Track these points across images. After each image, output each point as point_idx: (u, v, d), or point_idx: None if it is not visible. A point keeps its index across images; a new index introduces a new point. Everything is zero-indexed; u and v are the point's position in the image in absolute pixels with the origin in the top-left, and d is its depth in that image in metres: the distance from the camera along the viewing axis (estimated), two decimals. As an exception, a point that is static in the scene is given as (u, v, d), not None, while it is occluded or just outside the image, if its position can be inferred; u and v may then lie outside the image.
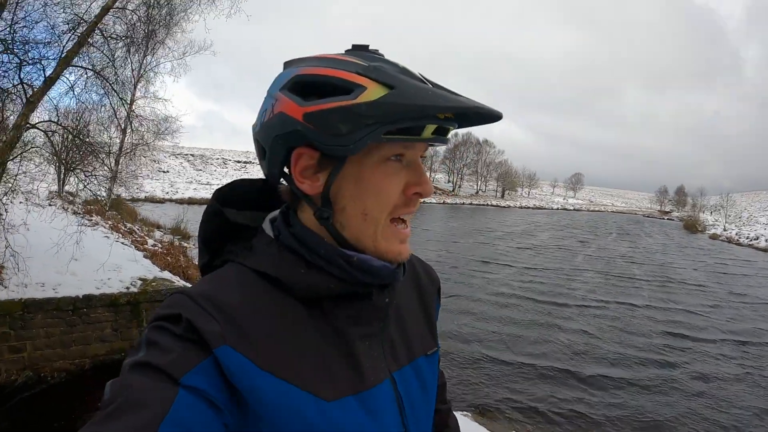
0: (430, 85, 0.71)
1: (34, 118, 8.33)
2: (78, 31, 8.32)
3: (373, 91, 0.67)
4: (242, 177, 0.87)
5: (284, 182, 0.79)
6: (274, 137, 0.73)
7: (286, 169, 0.77)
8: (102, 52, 8.98)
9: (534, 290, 16.08)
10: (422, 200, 0.81)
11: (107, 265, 8.64)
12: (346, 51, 0.75)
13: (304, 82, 0.71)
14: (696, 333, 12.53)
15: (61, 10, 8.45)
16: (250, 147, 0.87)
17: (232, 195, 0.84)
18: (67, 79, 8.89)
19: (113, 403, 0.59)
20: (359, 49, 0.75)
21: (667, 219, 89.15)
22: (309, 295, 0.74)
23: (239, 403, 0.66)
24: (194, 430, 0.60)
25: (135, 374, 0.62)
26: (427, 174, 0.80)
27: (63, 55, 8.11)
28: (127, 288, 8.33)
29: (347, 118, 0.67)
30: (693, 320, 13.84)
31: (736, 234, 50.77)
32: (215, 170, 72.34)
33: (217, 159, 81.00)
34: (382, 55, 0.75)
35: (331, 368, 0.73)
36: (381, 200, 0.74)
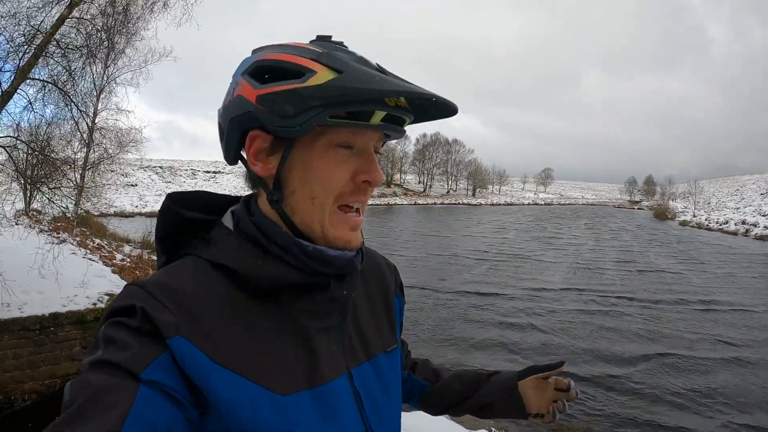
0: (388, 75, 0.72)
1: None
2: (35, 42, 8.11)
3: (322, 76, 0.69)
4: (211, 187, 0.84)
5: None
6: (230, 119, 0.76)
7: (243, 153, 0.78)
8: (59, 63, 8.78)
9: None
10: (390, 199, 0.79)
11: (74, 281, 8.44)
12: (310, 41, 0.78)
13: (263, 67, 0.74)
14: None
15: (17, 23, 8.25)
16: (218, 157, 0.86)
17: (192, 199, 0.83)
18: (26, 93, 8.66)
19: (74, 403, 0.57)
20: (322, 39, 0.77)
21: (637, 209, 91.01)
22: (266, 287, 0.74)
23: (199, 397, 0.65)
24: (158, 425, 0.59)
25: (94, 373, 0.60)
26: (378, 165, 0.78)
27: (19, 69, 7.91)
28: (94, 304, 8.18)
29: (294, 100, 0.70)
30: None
31: (706, 219, 51.82)
32: (184, 182, 70.95)
33: (186, 170, 79.31)
34: (344, 46, 0.76)
35: (287, 362, 0.73)
36: (327, 185, 0.74)
